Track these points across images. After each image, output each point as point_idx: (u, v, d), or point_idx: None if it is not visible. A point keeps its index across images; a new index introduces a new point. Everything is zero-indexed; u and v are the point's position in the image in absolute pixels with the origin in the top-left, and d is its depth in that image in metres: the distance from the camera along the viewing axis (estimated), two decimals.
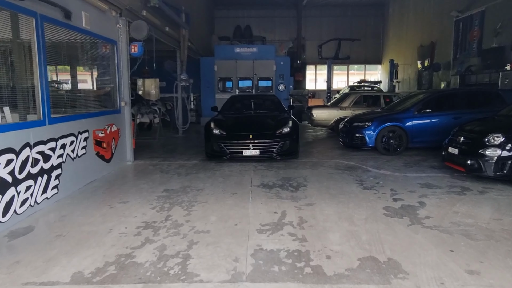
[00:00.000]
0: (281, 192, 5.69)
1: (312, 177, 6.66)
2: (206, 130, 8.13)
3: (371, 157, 8.58)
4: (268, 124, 8.24)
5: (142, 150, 9.90)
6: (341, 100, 12.85)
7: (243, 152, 7.64)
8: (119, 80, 7.65)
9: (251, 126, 8.19)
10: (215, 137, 7.84)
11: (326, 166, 7.66)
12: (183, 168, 7.53)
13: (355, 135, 9.14)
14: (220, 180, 6.54)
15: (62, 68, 5.99)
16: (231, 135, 7.79)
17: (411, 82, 19.79)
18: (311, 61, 25.06)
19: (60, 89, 5.72)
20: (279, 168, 7.41)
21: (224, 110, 9.56)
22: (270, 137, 7.72)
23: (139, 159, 8.57)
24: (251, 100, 10.00)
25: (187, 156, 8.88)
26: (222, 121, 8.44)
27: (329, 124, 12.47)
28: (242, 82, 16.47)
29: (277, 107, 9.79)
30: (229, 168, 7.51)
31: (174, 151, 9.79)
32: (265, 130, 7.93)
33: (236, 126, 8.15)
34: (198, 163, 8.02)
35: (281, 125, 8.03)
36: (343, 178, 6.59)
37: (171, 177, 6.80)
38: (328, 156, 8.74)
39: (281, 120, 8.38)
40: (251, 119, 8.85)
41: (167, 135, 13.01)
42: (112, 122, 7.33)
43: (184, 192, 5.74)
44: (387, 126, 8.83)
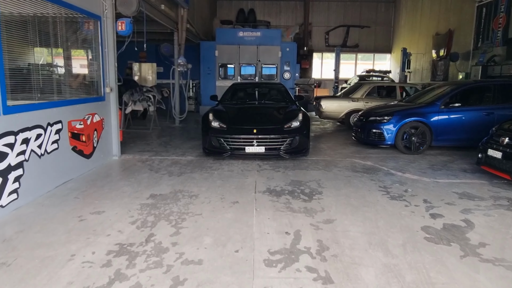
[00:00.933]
0: (292, 202, 4.68)
1: (326, 181, 5.65)
2: (204, 122, 7.10)
3: (390, 157, 7.55)
4: (275, 117, 7.20)
5: (133, 142, 8.88)
6: (353, 90, 11.78)
7: (246, 149, 6.62)
8: (104, 63, 6.59)
9: (255, 119, 7.15)
10: (214, 131, 6.81)
11: (340, 166, 6.65)
12: (176, 166, 6.52)
13: (372, 130, 8.10)
14: (219, 183, 5.53)
15: (28, 46, 4.95)
16: (232, 129, 6.75)
17: (424, 73, 18.65)
18: (317, 49, 23.85)
19: (24, 71, 4.70)
20: (287, 169, 6.40)
21: (224, 100, 8.51)
22: (277, 132, 6.68)
23: (128, 153, 7.55)
24: (255, 89, 8.93)
25: (182, 151, 7.86)
26: (222, 112, 7.40)
27: (339, 116, 11.42)
28: (244, 68, 15.38)
29: (284, 97, 8.73)
30: (229, 167, 6.50)
31: (169, 143, 8.77)
32: (272, 124, 6.89)
33: (238, 119, 7.11)
34: (194, 160, 7.01)
35: (290, 119, 6.98)
36: (364, 183, 5.58)
37: (161, 177, 5.79)
38: (341, 154, 7.72)
39: (290, 113, 7.33)
40: (255, 110, 7.80)
41: (162, 125, 11.98)
42: (94, 111, 6.30)
43: (175, 199, 4.73)
44: (409, 121, 7.78)
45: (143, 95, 10.46)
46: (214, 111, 7.36)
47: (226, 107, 7.81)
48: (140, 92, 10.50)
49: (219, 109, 7.63)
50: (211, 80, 15.22)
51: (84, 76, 6.58)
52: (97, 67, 6.51)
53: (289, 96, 8.77)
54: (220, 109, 7.68)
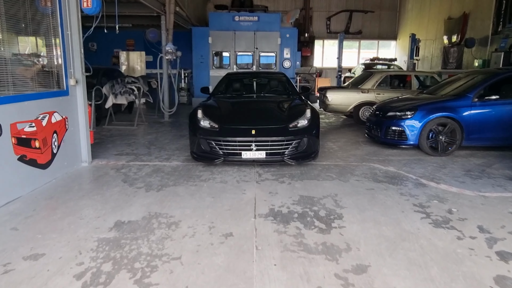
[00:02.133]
0: (305, 234, 3.48)
1: (345, 197, 4.45)
2: (192, 121, 5.86)
3: (414, 160, 6.36)
4: (277, 115, 5.96)
5: (112, 142, 7.64)
6: (362, 80, 10.52)
7: (243, 155, 5.38)
8: (66, 48, 5.32)
9: (253, 116, 5.89)
10: (203, 132, 5.57)
11: (358, 174, 5.45)
12: (157, 175, 5.30)
13: (391, 128, 6.88)
14: (208, 201, 4.32)
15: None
16: (226, 129, 5.51)
17: (433, 61, 17.38)
18: (318, 36, 22.48)
19: None
20: (293, 178, 5.19)
21: (217, 93, 7.25)
22: (281, 133, 5.45)
23: (102, 157, 6.32)
24: (253, 79, 7.68)
25: (167, 153, 6.64)
26: (213, 108, 6.16)
27: (347, 110, 10.18)
28: (241, 57, 14.10)
29: (287, 90, 7.48)
30: (222, 176, 5.28)
31: (153, 143, 7.53)
32: (274, 123, 5.64)
33: (233, 117, 5.86)
34: (180, 166, 5.79)
35: (296, 116, 5.75)
36: (393, 200, 4.38)
37: (136, 193, 4.57)
38: (356, 157, 6.51)
39: (295, 109, 6.10)
40: (253, 106, 6.54)
41: (150, 120, 10.73)
42: (53, 109, 5.04)
43: (147, 230, 3.52)
44: (436, 117, 6.56)
45: (125, 87, 9.17)
46: (204, 107, 6.11)
47: (218, 101, 6.56)
48: (122, 84, 9.22)
49: (210, 105, 6.38)
50: (205, 70, 13.94)
51: (41, 65, 5.31)
52: (57, 54, 5.23)
53: (293, 87, 7.52)
54: (211, 104, 6.43)
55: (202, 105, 6.23)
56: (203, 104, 6.35)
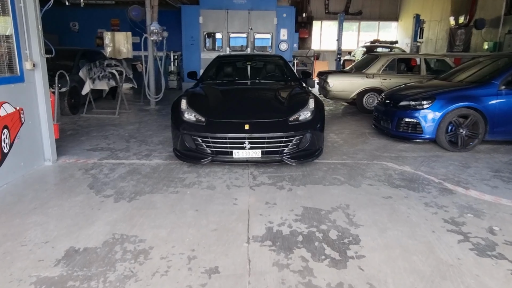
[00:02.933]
0: (314, 268, 2.65)
1: (359, 210, 3.63)
2: (174, 113, 4.96)
3: (431, 156, 5.54)
4: (276, 105, 5.07)
5: (87, 134, 6.75)
6: (366, 64, 9.61)
7: (234, 154, 4.52)
8: (19, 25, 4.36)
9: (247, 107, 4.98)
10: (187, 126, 4.68)
11: (371, 176, 4.62)
12: (132, 178, 4.44)
13: (404, 119, 6.04)
14: (190, 216, 3.48)
15: None
16: (214, 124, 4.62)
17: (438, 43, 16.47)
18: (315, 16, 21.39)
19: None
20: (294, 182, 4.36)
21: (206, 78, 6.33)
22: (280, 127, 4.57)
23: (71, 152, 5.45)
24: (247, 63, 6.75)
25: (148, 148, 5.77)
26: (200, 97, 5.26)
27: (350, 97, 9.31)
28: (234, 39, 13.10)
29: (286, 75, 6.58)
30: (209, 179, 4.43)
31: (134, 136, 6.64)
32: (271, 115, 4.75)
33: (223, 108, 4.96)
34: (161, 166, 4.93)
35: (297, 107, 4.87)
36: (418, 214, 3.57)
37: (102, 204, 3.71)
38: (364, 153, 5.68)
39: (296, 98, 5.21)
40: (247, 95, 5.61)
41: (134, 107, 9.81)
42: (2, 100, 4.13)
43: (107, 264, 2.67)
44: (457, 107, 5.72)
45: (104, 71, 8.20)
46: (189, 96, 5.20)
47: (206, 89, 5.66)
48: (100, 67, 8.24)
49: (197, 93, 5.47)
50: (195, 52, 12.94)
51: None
52: (6, 31, 4.28)
53: (292, 72, 6.61)
54: (198, 92, 5.52)
55: (187, 94, 5.32)
56: (188, 92, 5.44)
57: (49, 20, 15.05)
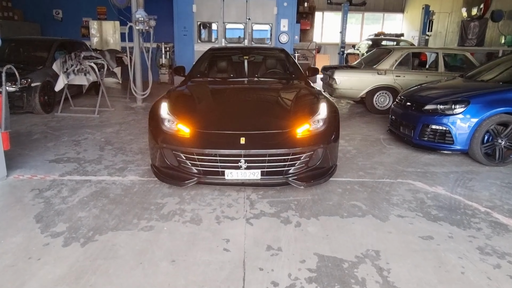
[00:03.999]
0: None
1: (394, 261, 2.68)
2: (152, 120, 3.94)
3: (465, 172, 4.59)
4: (279, 112, 4.04)
5: (57, 138, 5.78)
6: (377, 59, 8.63)
7: (227, 175, 3.53)
8: None
9: (243, 114, 3.96)
10: (169, 139, 3.67)
11: (398, 202, 3.67)
12: (96, 204, 3.47)
13: (430, 126, 5.07)
14: (163, 271, 2.51)
15: None
16: (202, 136, 3.61)
17: (448, 36, 15.46)
18: (316, 7, 20.30)
19: None
20: (302, 212, 3.40)
21: (195, 75, 5.33)
22: (285, 142, 3.57)
23: (29, 165, 4.47)
24: (244, 58, 5.73)
25: (125, 159, 4.79)
26: (185, 101, 4.24)
27: (359, 95, 8.34)
28: (231, 30, 12.08)
29: (290, 72, 5.60)
30: (194, 207, 3.46)
31: (111, 142, 5.66)
32: (274, 125, 3.73)
33: (214, 115, 3.93)
34: (135, 186, 3.95)
35: (306, 113, 3.87)
36: (475, 268, 2.62)
37: (46, 248, 2.74)
38: (385, 167, 4.72)
39: (304, 102, 4.22)
40: (244, 97, 4.55)
41: (118, 105, 8.80)
42: None
43: None
44: (496, 113, 4.76)
45: (81, 64, 7.16)
46: (172, 98, 4.19)
47: (194, 89, 4.65)
48: (76, 59, 7.20)
49: (182, 94, 4.46)
50: (188, 44, 11.90)
51: None
52: None
53: (297, 68, 5.61)
54: (183, 93, 4.50)
55: (169, 94, 4.31)
56: (171, 93, 4.43)
57: (30, 8, 13.97)
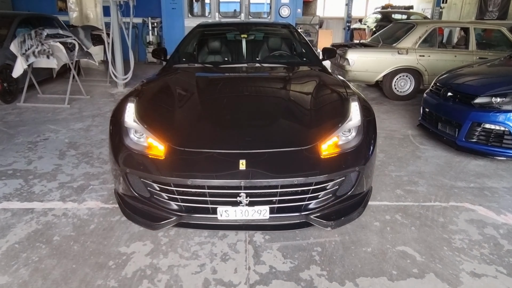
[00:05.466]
0: None
1: None
2: (113, 130, 2.76)
3: None
4: (295, 117, 2.80)
5: (9, 139, 4.64)
6: (396, 35, 7.40)
7: (220, 214, 2.39)
8: None
9: (242, 124, 2.73)
10: (134, 160, 2.50)
11: (464, 247, 2.58)
12: (30, 257, 2.37)
13: (483, 125, 3.95)
14: None
15: None
16: (183, 156, 2.43)
17: (464, 9, 14.09)
18: None
19: None
20: (332, 270, 2.31)
21: (177, 61, 4.11)
22: (305, 165, 2.41)
23: None
24: (241, 36, 4.47)
25: (88, 173, 3.66)
26: (161, 100, 3.03)
27: (375, 79, 7.15)
28: (226, 4, 10.78)
29: (301, 55, 4.39)
30: (172, 262, 2.36)
31: (75, 144, 4.51)
32: (288, 139, 2.54)
33: (200, 125, 2.73)
34: (93, 219, 2.84)
35: (333, 119, 2.71)
36: None
37: None
38: (427, 180, 3.61)
39: (327, 101, 3.03)
40: (242, 94, 3.25)
41: (97, 91, 7.60)
42: None
43: None
44: None
45: (42, 45, 5.89)
46: (143, 97, 2.99)
47: (175, 82, 3.45)
48: (37, 39, 5.92)
49: (156, 91, 3.24)
50: (178, 19, 10.63)
51: None
52: None
53: (310, 50, 4.38)
54: (159, 89, 3.28)
55: (139, 91, 3.11)
56: (143, 87, 3.21)
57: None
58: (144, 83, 3.30)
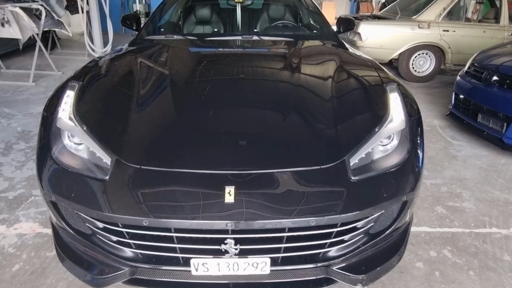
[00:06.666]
0: None
1: None
2: (43, 133, 1.86)
3: None
4: (311, 115, 1.88)
5: None
6: (415, 6, 6.43)
7: (195, 267, 1.55)
8: None
9: (233, 125, 1.81)
10: (65, 182, 1.63)
11: None
12: None
13: None
14: None
15: None
16: (140, 179, 1.57)
17: None
18: None
19: None
20: None
21: (150, 32, 3.16)
22: (321, 195, 1.55)
23: None
24: (235, 0, 3.51)
25: (31, 177, 2.80)
26: (113, 89, 2.08)
27: (391, 56, 6.23)
28: None
29: (309, 25, 3.46)
30: None
31: (28, 135, 3.65)
32: (298, 153, 1.67)
33: (169, 129, 1.80)
34: (21, 253, 1.99)
35: (364, 124, 1.84)
36: None
37: None
38: (473, 192, 2.78)
39: (354, 91, 2.13)
40: (233, 81, 2.26)
41: (72, 65, 6.66)
42: None
43: None
44: None
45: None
46: (90, 82, 2.08)
47: (144, 58, 2.52)
48: None
49: (111, 74, 2.30)
50: None
51: None
52: None
53: (323, 20, 3.43)
54: (114, 71, 2.34)
55: (86, 72, 2.18)
56: (94, 68, 2.29)
57: None
58: (96, 62, 2.39)
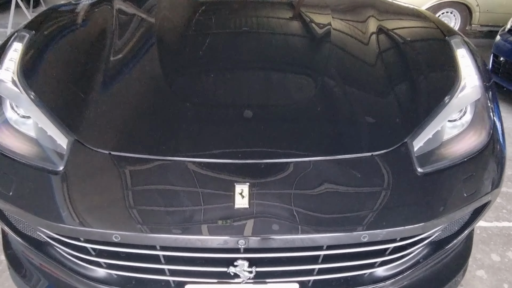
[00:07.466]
0: None
1: None
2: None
3: None
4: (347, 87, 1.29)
5: None
6: None
7: None
8: None
9: (242, 94, 1.25)
10: (1, 174, 1.13)
11: None
12: None
13: None
14: None
15: None
16: (111, 168, 1.06)
17: None
18: None
19: None
20: None
21: None
22: (377, 197, 1.05)
23: None
24: None
25: None
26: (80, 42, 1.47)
27: None
28: None
29: None
30: None
31: None
32: (338, 136, 1.13)
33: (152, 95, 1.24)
34: None
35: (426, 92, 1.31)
36: None
37: None
38: None
39: (411, 51, 1.55)
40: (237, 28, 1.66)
41: None
42: None
43: None
44: None
45: None
46: (48, 30, 1.54)
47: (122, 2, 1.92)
48: None
49: (80, 19, 1.68)
50: None
51: None
52: None
53: None
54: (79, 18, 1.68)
55: (42, 20, 1.60)
56: (54, 13, 1.69)
57: None
58: (56, 8, 1.79)
